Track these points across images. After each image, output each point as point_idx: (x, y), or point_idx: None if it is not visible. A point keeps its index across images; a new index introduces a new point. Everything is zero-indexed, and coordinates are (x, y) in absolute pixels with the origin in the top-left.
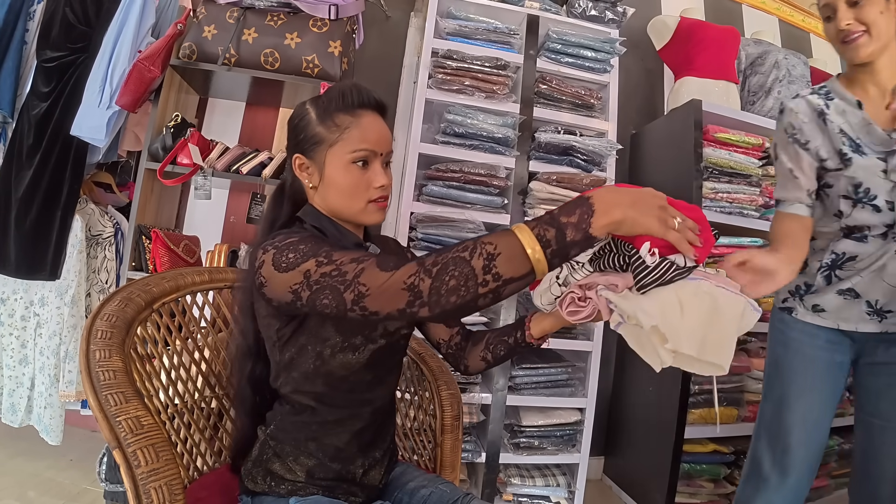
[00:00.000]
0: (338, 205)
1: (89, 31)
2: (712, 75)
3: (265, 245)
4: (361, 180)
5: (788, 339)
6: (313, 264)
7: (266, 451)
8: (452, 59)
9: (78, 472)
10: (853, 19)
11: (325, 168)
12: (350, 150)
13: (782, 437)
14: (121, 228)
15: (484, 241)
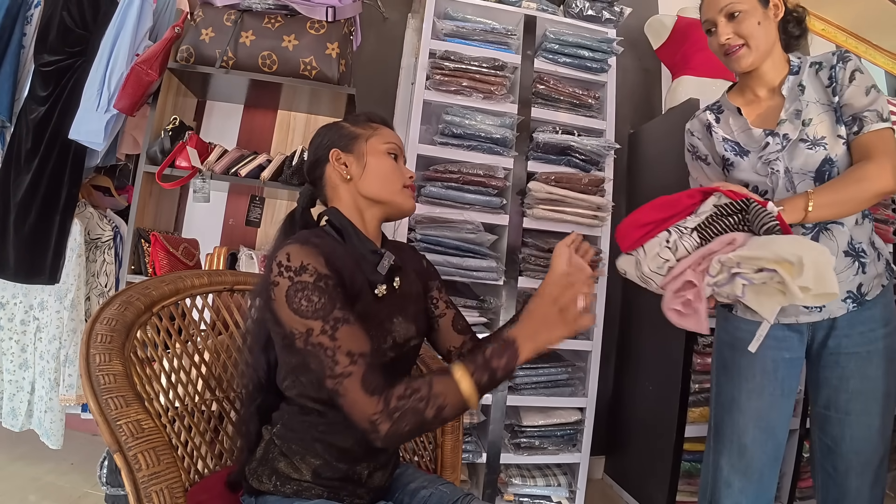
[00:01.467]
0: (377, 188)
1: (87, 35)
2: (710, 74)
3: (281, 258)
4: (396, 168)
5: (735, 340)
6: (319, 327)
7: (272, 451)
8: (450, 60)
9: (79, 476)
10: (732, 33)
11: (367, 156)
12: (384, 142)
13: (737, 439)
14: (120, 232)
15: (436, 394)
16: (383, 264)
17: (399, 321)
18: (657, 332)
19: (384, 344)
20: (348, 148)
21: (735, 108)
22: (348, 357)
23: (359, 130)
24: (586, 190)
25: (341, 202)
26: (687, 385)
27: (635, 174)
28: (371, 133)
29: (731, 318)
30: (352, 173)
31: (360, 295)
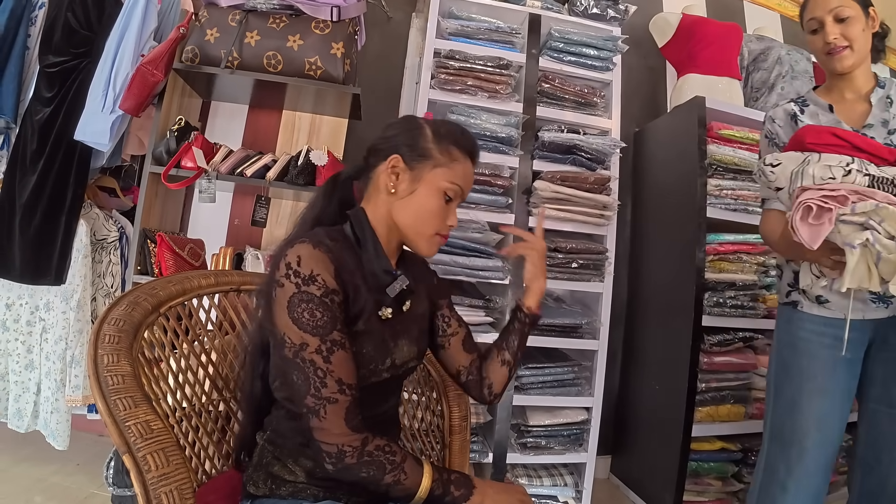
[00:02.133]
0: (408, 222)
1: (91, 36)
2: (715, 72)
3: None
4: (440, 212)
5: (796, 340)
6: (315, 345)
7: (265, 456)
8: (455, 59)
9: (85, 477)
10: (840, 34)
11: (421, 183)
12: (449, 179)
13: (797, 442)
14: (125, 232)
15: (403, 470)
16: (394, 287)
17: (402, 343)
18: (663, 331)
19: (381, 365)
20: (411, 163)
21: (826, 105)
22: (338, 384)
23: (435, 151)
24: (592, 189)
25: (375, 208)
26: (694, 384)
27: (641, 172)
28: (444, 162)
29: (795, 317)
30: (398, 189)
31: (364, 311)
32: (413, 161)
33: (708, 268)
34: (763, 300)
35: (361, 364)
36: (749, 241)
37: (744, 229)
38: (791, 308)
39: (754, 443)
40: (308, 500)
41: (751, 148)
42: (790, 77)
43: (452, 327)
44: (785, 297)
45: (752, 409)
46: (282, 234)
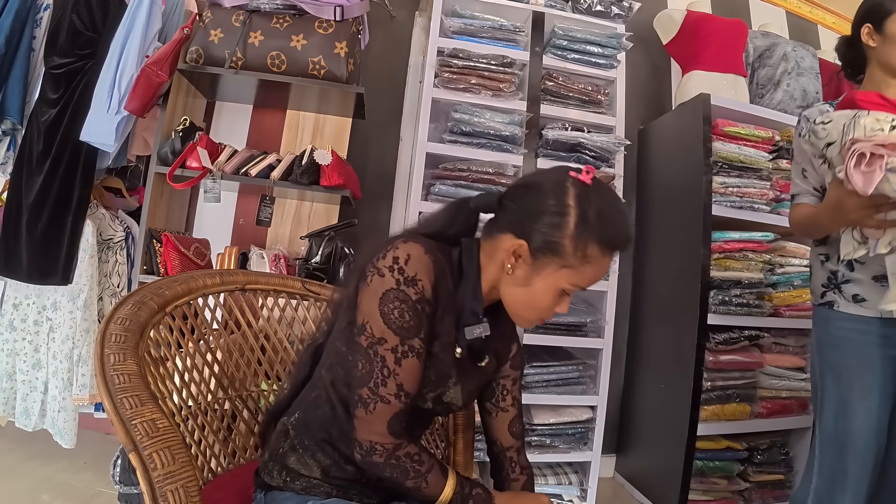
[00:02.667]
0: (512, 303)
1: (96, 38)
2: (720, 69)
3: (400, 254)
4: (552, 304)
5: (839, 340)
6: (393, 343)
7: (282, 444)
8: (458, 57)
9: (92, 475)
10: None
11: (539, 278)
12: (573, 283)
13: (851, 445)
14: (131, 232)
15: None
16: (472, 330)
17: (456, 387)
18: (669, 329)
19: (431, 393)
20: (538, 254)
21: None
22: (397, 388)
23: (569, 248)
24: None
25: (488, 259)
26: (699, 383)
27: (646, 170)
28: (575, 264)
29: (832, 317)
30: (514, 274)
31: (441, 337)
32: (540, 253)
33: (713, 266)
34: (769, 298)
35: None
36: (755, 239)
37: (749, 227)
38: (827, 308)
39: (760, 441)
40: (319, 498)
41: (756, 145)
42: (796, 73)
43: (506, 402)
44: (820, 297)
45: (758, 407)
46: (286, 233)
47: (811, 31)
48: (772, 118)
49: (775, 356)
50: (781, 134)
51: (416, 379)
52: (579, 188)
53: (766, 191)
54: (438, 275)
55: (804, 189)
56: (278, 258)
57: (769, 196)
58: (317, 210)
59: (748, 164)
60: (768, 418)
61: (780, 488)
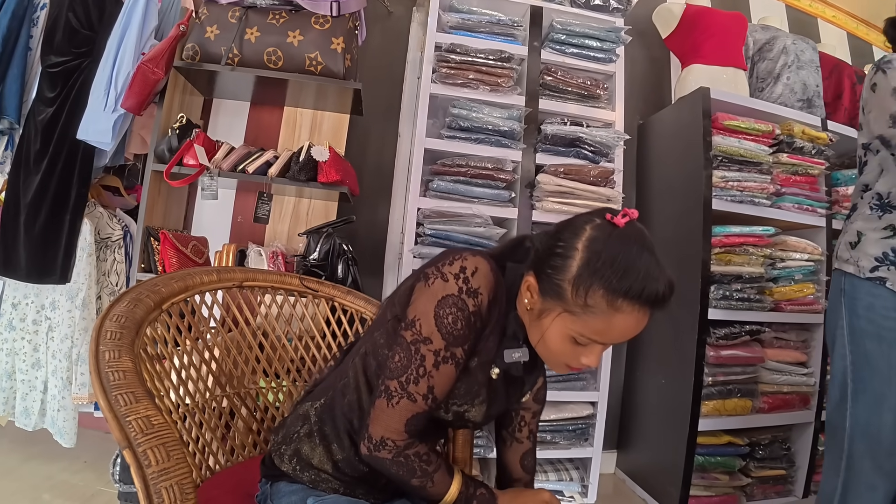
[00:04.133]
0: (533, 340)
1: (93, 36)
2: (720, 62)
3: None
4: (573, 353)
5: (881, 330)
6: (438, 346)
7: (299, 429)
8: (456, 52)
9: (92, 474)
10: None
11: (545, 320)
12: (578, 332)
13: (885, 440)
14: (130, 231)
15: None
16: (513, 355)
17: (481, 406)
18: (669, 325)
19: (455, 407)
20: (544, 294)
21: None
22: (427, 390)
23: (569, 292)
24: (596, 182)
25: (521, 296)
26: (700, 378)
27: (645, 165)
28: (575, 310)
29: (879, 299)
30: (532, 311)
31: (479, 356)
32: (545, 293)
33: (714, 260)
34: (770, 293)
35: (451, 395)
36: (755, 234)
37: (750, 221)
38: (875, 284)
39: (761, 437)
40: (326, 493)
41: (757, 139)
42: (796, 67)
43: (523, 433)
44: (869, 271)
45: (759, 402)
46: (284, 230)
47: (811, 24)
48: (772, 112)
49: (776, 351)
50: (782, 127)
51: (448, 387)
52: (599, 231)
53: (766, 185)
54: (497, 294)
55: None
56: (276, 255)
57: (770, 190)
58: (315, 207)
59: (748, 157)
60: (770, 413)
61: (782, 483)
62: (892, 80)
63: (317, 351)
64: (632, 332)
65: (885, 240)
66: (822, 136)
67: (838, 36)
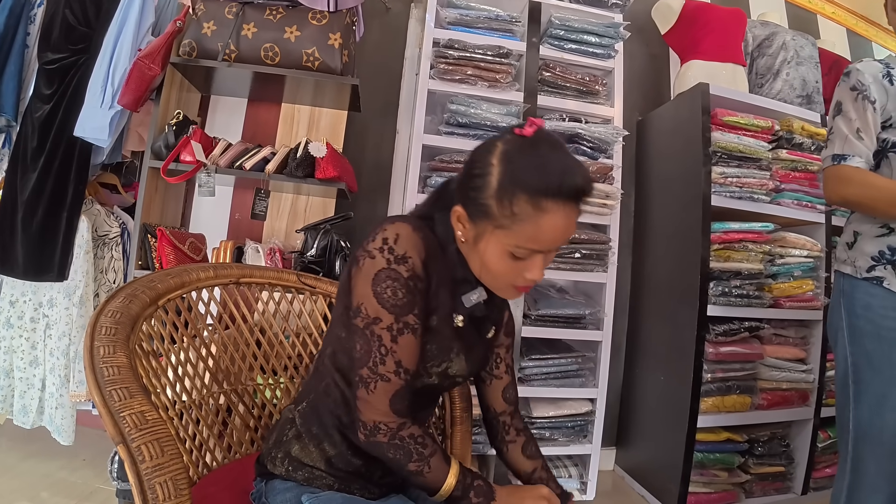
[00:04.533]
0: (477, 270)
1: (89, 32)
2: (719, 58)
3: (390, 234)
4: (513, 269)
5: (882, 331)
6: (388, 322)
7: (287, 432)
8: (454, 48)
9: (90, 472)
10: None
11: (480, 241)
12: (513, 244)
13: (888, 441)
14: (127, 228)
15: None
16: (470, 298)
17: (459, 358)
18: (668, 322)
19: (435, 368)
20: (472, 217)
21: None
22: (396, 365)
23: (494, 208)
24: (594, 178)
25: (464, 251)
26: (699, 375)
27: (644, 161)
28: (505, 223)
29: (877, 298)
30: (466, 238)
31: (439, 309)
32: (473, 216)
33: (713, 257)
34: (769, 289)
35: (421, 358)
36: (755, 230)
37: (749, 217)
38: (872, 284)
39: (760, 433)
40: (321, 489)
41: (756, 135)
42: (795, 63)
43: (500, 369)
44: (866, 270)
45: (758, 399)
46: (282, 227)
47: (810, 20)
48: (771, 108)
49: (775, 347)
50: (781, 124)
51: (414, 355)
52: (509, 143)
53: (765, 181)
54: (429, 251)
55: (860, 151)
56: (274, 252)
57: (769, 186)
58: (313, 204)
59: (747, 154)
60: (769, 410)
61: (781, 480)
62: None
63: (314, 347)
64: (562, 230)
65: (880, 238)
66: (821, 133)
67: (838, 32)
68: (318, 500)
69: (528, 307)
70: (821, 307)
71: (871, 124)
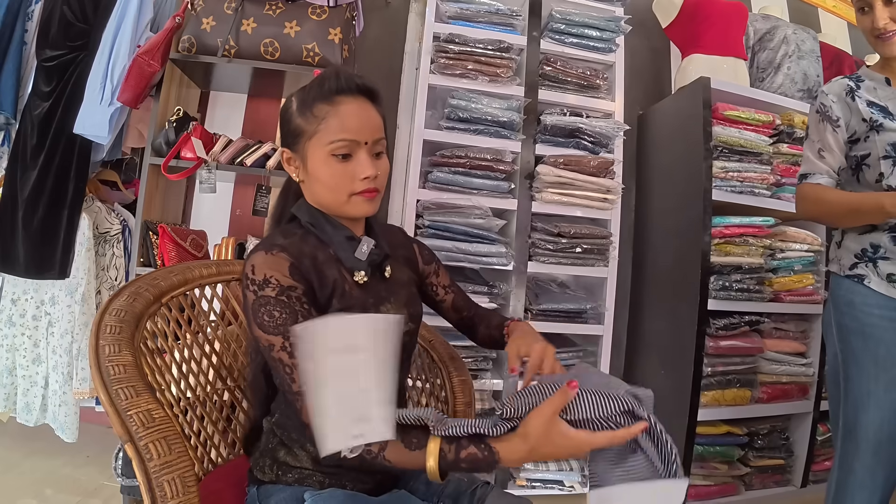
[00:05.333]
0: (323, 199)
1: (88, 29)
2: (720, 52)
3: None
4: (344, 173)
5: (864, 326)
6: (279, 344)
7: (272, 440)
8: (454, 43)
9: (94, 469)
10: (889, 19)
11: (307, 161)
12: (328, 142)
13: (873, 436)
14: (128, 225)
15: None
16: (361, 250)
17: (388, 307)
18: (669, 316)
19: None
20: (293, 147)
21: (883, 79)
22: None
23: (301, 124)
24: (595, 172)
25: (308, 195)
26: (699, 368)
27: (645, 155)
28: (315, 129)
29: (859, 296)
30: (300, 176)
31: (337, 286)
32: (293, 145)
33: (713, 251)
34: (769, 283)
35: None
36: (755, 224)
37: (750, 212)
38: (854, 282)
39: (760, 426)
40: (313, 488)
41: (757, 129)
42: (797, 57)
43: (440, 295)
44: (848, 268)
45: (758, 392)
46: None
47: (812, 14)
48: (772, 102)
49: (775, 341)
50: (782, 118)
51: None
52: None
53: (766, 175)
54: (292, 257)
55: (821, 169)
56: None
57: (770, 180)
58: None
59: (748, 148)
60: (768, 403)
61: (781, 473)
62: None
63: None
64: (364, 118)
65: (863, 235)
66: None
67: (839, 26)
68: (321, 498)
69: (530, 302)
70: (821, 301)
71: (834, 143)
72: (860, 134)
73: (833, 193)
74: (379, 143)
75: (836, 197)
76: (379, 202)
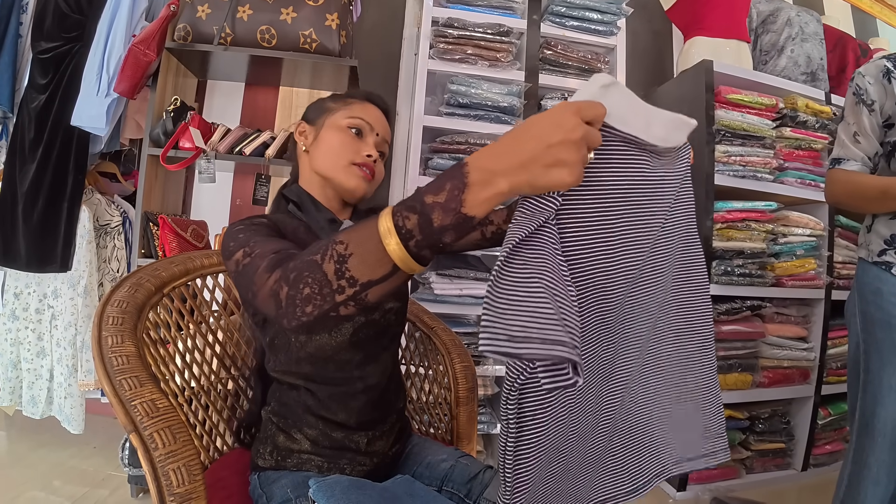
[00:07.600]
0: (323, 164)
1: (83, 20)
2: (723, 34)
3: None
4: (352, 143)
5: (891, 318)
6: (241, 255)
7: (270, 428)
8: (453, 27)
9: (102, 459)
10: None
11: (322, 130)
12: (348, 116)
13: (891, 432)
14: (128, 217)
15: (336, 241)
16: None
17: None
18: None
19: None
20: (313, 121)
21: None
22: (263, 259)
23: (331, 105)
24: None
25: (303, 177)
26: None
27: None
28: (340, 107)
29: (887, 285)
30: (308, 145)
31: None
32: (314, 119)
33: (716, 236)
34: (771, 268)
35: None
36: (758, 209)
37: (752, 196)
38: (882, 269)
39: (761, 411)
40: (313, 472)
41: (760, 113)
42: (800, 39)
43: None
44: (876, 255)
45: (760, 377)
46: None
47: None
48: (775, 85)
49: (777, 326)
50: (785, 101)
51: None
52: None
53: (769, 159)
54: (272, 223)
55: (855, 154)
56: None
57: (772, 165)
58: None
59: (751, 132)
60: (770, 388)
61: (781, 457)
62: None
63: None
64: (381, 118)
65: (894, 220)
66: (825, 110)
67: (843, 8)
68: (325, 484)
69: None
70: (823, 286)
71: (869, 127)
72: (894, 119)
73: (864, 178)
74: (384, 145)
75: (867, 181)
76: (370, 188)
